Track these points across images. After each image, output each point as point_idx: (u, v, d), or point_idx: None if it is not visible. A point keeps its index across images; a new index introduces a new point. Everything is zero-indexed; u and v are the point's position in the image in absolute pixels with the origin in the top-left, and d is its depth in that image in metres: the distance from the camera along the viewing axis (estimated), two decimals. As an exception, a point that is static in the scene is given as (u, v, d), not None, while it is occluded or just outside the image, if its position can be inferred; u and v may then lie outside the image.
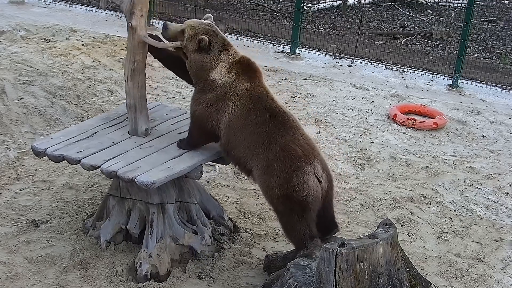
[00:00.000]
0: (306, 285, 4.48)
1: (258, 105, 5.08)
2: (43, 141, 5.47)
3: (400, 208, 6.59)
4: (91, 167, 5.10)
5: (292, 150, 4.94)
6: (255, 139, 5.03)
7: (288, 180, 4.89)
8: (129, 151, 5.30)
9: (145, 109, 5.54)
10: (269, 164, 4.96)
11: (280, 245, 5.80)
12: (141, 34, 5.28)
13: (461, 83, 9.74)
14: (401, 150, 7.70)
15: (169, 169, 5.06)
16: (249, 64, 5.25)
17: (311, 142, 5.14)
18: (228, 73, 5.16)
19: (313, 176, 4.94)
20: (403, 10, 14.11)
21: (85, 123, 5.82)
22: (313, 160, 4.98)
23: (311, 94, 8.99)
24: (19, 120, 7.53)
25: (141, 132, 5.53)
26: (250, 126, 5.05)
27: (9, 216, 5.90)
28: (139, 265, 5.19)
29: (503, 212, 6.67)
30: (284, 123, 5.05)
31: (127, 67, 5.40)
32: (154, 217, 5.32)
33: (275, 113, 5.07)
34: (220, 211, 5.84)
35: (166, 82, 8.89)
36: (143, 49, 5.35)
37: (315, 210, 4.99)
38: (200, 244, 5.44)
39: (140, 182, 4.89)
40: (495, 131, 8.40)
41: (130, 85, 5.44)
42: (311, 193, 4.91)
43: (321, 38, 11.38)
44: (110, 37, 10.35)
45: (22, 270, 5.24)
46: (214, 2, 12.97)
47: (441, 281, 5.56)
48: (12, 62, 8.85)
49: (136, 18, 5.25)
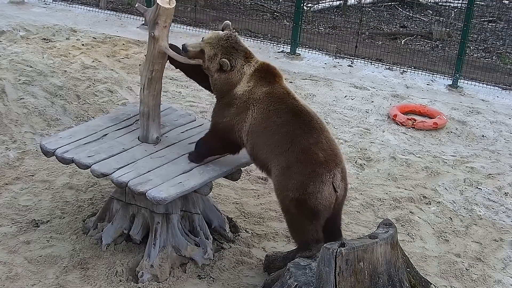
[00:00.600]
0: (306, 285, 4.48)
1: (279, 106, 4.99)
2: (52, 140, 5.44)
3: (400, 208, 6.59)
4: (101, 174, 5.08)
5: (313, 154, 4.83)
6: (278, 139, 4.94)
7: (305, 186, 4.81)
8: (139, 160, 5.27)
9: (157, 118, 5.51)
10: (289, 165, 4.87)
11: (280, 245, 5.80)
12: (163, 45, 5.24)
13: (461, 83, 9.74)
14: (401, 150, 7.70)
15: (180, 185, 5.02)
16: (268, 69, 5.17)
17: (335, 146, 4.98)
18: (247, 83, 5.10)
19: (330, 185, 4.83)
20: (403, 10, 14.11)
21: (94, 123, 5.80)
22: (334, 168, 4.86)
23: (311, 94, 8.99)
24: (19, 120, 7.53)
25: (151, 139, 5.51)
26: (272, 127, 4.96)
27: (9, 216, 5.90)
28: (141, 274, 5.18)
29: (503, 212, 6.68)
30: (307, 123, 4.94)
31: (145, 75, 5.36)
32: (158, 227, 5.30)
33: (298, 113, 4.97)
34: (222, 222, 5.80)
35: (166, 82, 8.88)
36: (162, 59, 5.31)
37: (325, 217, 4.94)
38: (202, 258, 5.41)
39: (151, 198, 4.86)
40: (495, 131, 8.41)
41: (145, 93, 5.41)
42: (324, 203, 4.84)
43: (321, 38, 11.38)
44: (110, 37, 10.35)
45: (22, 270, 5.24)
46: (214, 2, 12.97)
47: (441, 281, 5.56)
48: (12, 62, 8.85)
49: (159, 29, 5.21)
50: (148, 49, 5.34)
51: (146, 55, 5.39)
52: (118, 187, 5.20)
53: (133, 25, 11.08)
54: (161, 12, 5.20)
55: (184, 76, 6.03)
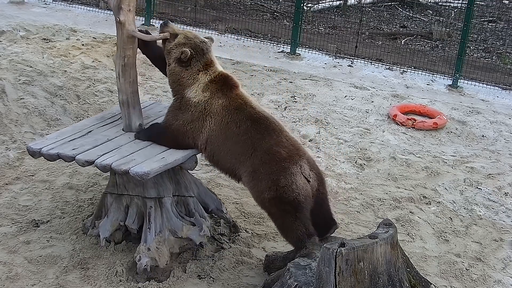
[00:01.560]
0: (306, 285, 4.48)
1: (236, 116, 5.14)
2: (38, 142, 5.50)
3: (400, 208, 6.59)
4: (86, 162, 5.11)
5: (276, 153, 5.01)
6: (240, 148, 5.10)
7: (276, 182, 4.96)
8: (123, 145, 5.33)
9: (137, 105, 5.55)
10: (255, 169, 5.03)
11: (280, 245, 5.80)
12: (130, 28, 5.30)
13: (461, 83, 9.74)
14: (401, 150, 7.70)
15: (163, 160, 5.11)
16: (225, 80, 5.29)
17: (296, 142, 5.19)
18: (202, 92, 5.23)
19: (301, 175, 5.00)
20: (403, 10, 14.12)
21: (80, 123, 5.84)
22: (299, 160, 5.04)
23: (311, 94, 8.99)
24: (19, 120, 7.53)
25: (135, 127, 5.54)
26: (232, 137, 5.13)
27: (9, 216, 5.90)
28: (138, 258, 5.19)
29: (503, 212, 6.68)
30: (266, 127, 5.11)
31: (118, 63, 5.42)
32: (151, 211, 5.34)
33: (256, 120, 5.14)
34: (219, 204, 5.85)
35: (166, 82, 8.84)
36: (132, 44, 5.37)
37: (308, 208, 5.04)
38: (199, 236, 5.45)
39: (134, 173, 4.92)
40: (495, 131, 8.41)
41: (121, 81, 5.45)
42: (301, 192, 4.97)
43: (321, 38, 11.38)
44: (110, 37, 10.35)
45: (22, 270, 5.24)
46: (214, 2, 12.97)
47: (441, 281, 5.56)
48: (12, 62, 8.85)
49: (124, 13, 5.27)
50: (117, 35, 5.38)
51: (116, 43, 5.43)
52: (102, 171, 5.22)
53: (133, 25, 11.08)
54: None
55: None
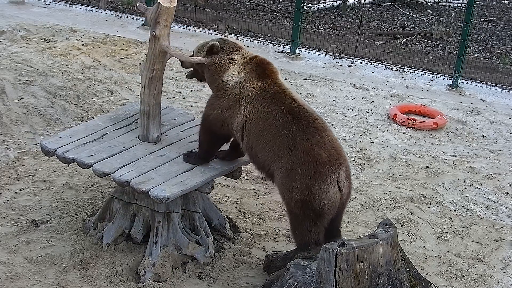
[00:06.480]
0: (306, 285, 4.48)
1: (275, 107, 4.97)
2: (52, 140, 5.47)
3: (400, 208, 6.59)
4: (103, 174, 5.11)
5: (317, 155, 4.79)
6: (279, 142, 4.91)
7: (310, 188, 4.78)
8: (140, 159, 5.30)
9: (158, 117, 5.54)
10: (292, 167, 4.84)
11: (280, 245, 5.80)
12: (164, 44, 5.28)
13: (461, 83, 9.73)
14: (401, 150, 7.70)
15: (182, 184, 5.05)
16: (261, 62, 5.18)
17: (338, 146, 4.95)
18: (238, 73, 5.14)
19: (335, 185, 4.81)
20: (403, 10, 14.11)
21: (93, 123, 5.82)
22: (338, 167, 4.83)
23: (311, 94, 8.99)
24: (19, 120, 7.53)
25: (152, 139, 5.54)
26: (272, 130, 4.94)
27: (9, 216, 5.90)
28: (143, 273, 5.19)
29: (503, 212, 6.68)
30: (308, 124, 4.91)
31: (145, 74, 5.39)
32: (160, 225, 5.31)
33: (298, 114, 4.93)
34: (223, 220, 5.81)
35: (166, 82, 8.88)
36: (163, 58, 5.36)
37: (329, 219, 4.91)
38: (204, 256, 5.41)
39: (154, 196, 4.89)
40: (495, 131, 8.40)
41: (146, 92, 5.44)
42: (329, 203, 4.81)
43: (321, 38, 11.38)
44: (110, 37, 10.35)
45: (22, 270, 5.24)
46: (214, 2, 12.97)
47: (441, 281, 5.57)
48: (12, 62, 8.85)
49: (160, 28, 5.24)
50: (149, 48, 5.36)
51: (147, 54, 5.41)
52: (120, 186, 5.21)
53: (133, 25, 11.08)
54: (162, 11, 5.22)
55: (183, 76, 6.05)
